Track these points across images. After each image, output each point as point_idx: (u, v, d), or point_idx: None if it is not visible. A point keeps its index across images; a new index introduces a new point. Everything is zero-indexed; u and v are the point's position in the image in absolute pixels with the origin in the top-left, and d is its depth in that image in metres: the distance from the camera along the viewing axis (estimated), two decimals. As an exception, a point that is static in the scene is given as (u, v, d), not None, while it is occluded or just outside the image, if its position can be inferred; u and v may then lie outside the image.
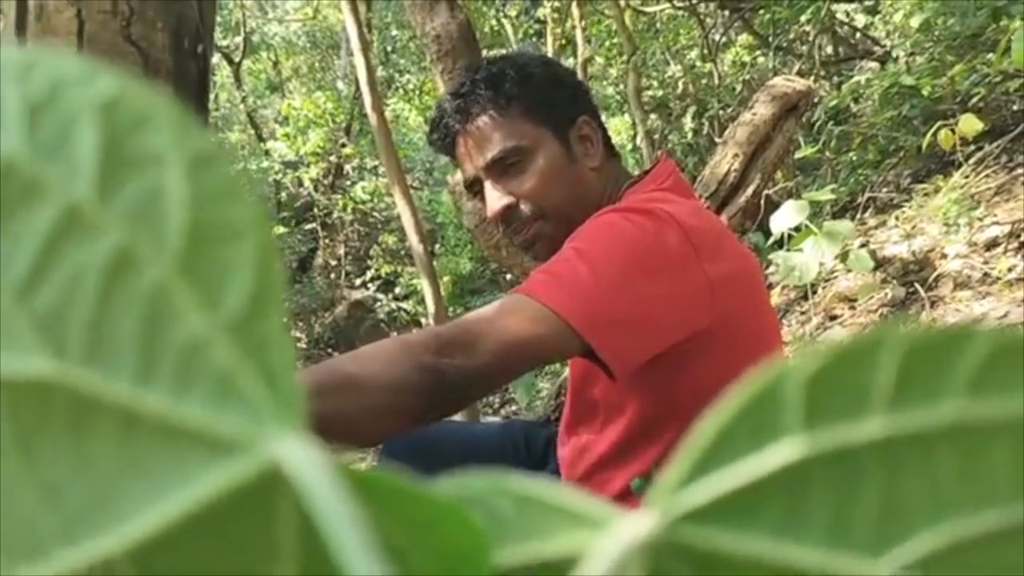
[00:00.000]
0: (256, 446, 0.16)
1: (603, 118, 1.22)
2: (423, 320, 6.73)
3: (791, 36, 5.49)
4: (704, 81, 5.72)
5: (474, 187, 1.16)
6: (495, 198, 1.11)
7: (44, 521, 0.16)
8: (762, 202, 2.48)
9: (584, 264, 0.89)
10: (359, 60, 3.60)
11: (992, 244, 2.75)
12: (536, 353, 0.87)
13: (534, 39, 5.93)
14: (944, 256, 2.80)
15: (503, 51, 6.46)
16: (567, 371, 2.08)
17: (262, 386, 0.16)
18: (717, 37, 5.92)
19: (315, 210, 7.51)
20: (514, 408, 4.41)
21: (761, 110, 2.20)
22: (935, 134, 2.90)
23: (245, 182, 0.17)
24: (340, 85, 8.55)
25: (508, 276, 6.37)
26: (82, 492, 0.16)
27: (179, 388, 0.16)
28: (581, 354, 0.90)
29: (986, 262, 2.68)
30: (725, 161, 2.13)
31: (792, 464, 0.17)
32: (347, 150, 7.50)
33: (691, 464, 0.17)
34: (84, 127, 0.16)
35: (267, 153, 7.43)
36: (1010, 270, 2.55)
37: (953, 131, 2.85)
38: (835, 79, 5.31)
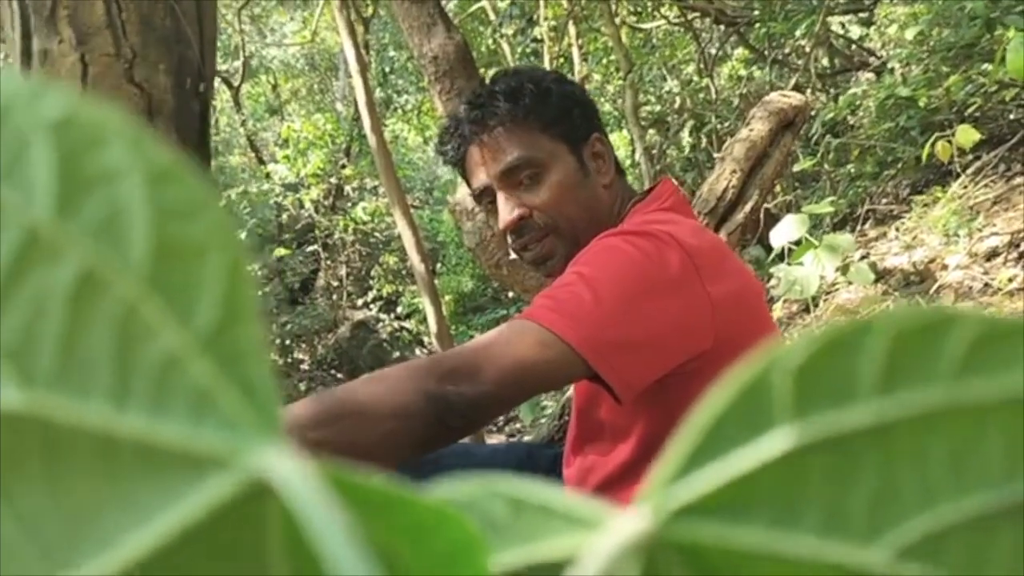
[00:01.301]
0: (238, 460, 0.16)
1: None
2: (425, 339, 6.73)
3: (787, 50, 5.51)
4: (701, 96, 5.74)
5: (484, 198, 1.15)
6: (508, 209, 1.11)
7: (24, 555, 0.16)
8: (761, 216, 2.48)
9: (587, 288, 0.89)
10: (357, 82, 3.62)
11: (992, 254, 2.76)
12: (541, 378, 0.87)
13: (531, 58, 5.96)
14: (945, 267, 2.80)
15: (505, 68, 6.46)
16: (570, 391, 2.07)
17: (240, 399, 0.16)
18: (713, 52, 5.94)
19: (316, 231, 7.52)
20: (518, 426, 4.40)
21: (758, 126, 2.21)
22: (933, 146, 2.90)
23: (209, 194, 0.16)
24: (339, 107, 8.58)
25: (509, 294, 6.37)
26: (62, 522, 0.16)
27: (156, 407, 0.16)
28: (586, 378, 0.90)
29: (986, 272, 2.68)
30: (723, 178, 2.14)
31: (784, 454, 0.17)
32: (347, 171, 7.52)
33: (683, 459, 0.17)
34: (37, 147, 0.16)
35: (268, 176, 7.44)
36: (1011, 280, 2.55)
37: (950, 142, 2.85)
38: (831, 91, 5.33)
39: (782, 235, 2.40)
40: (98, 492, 0.16)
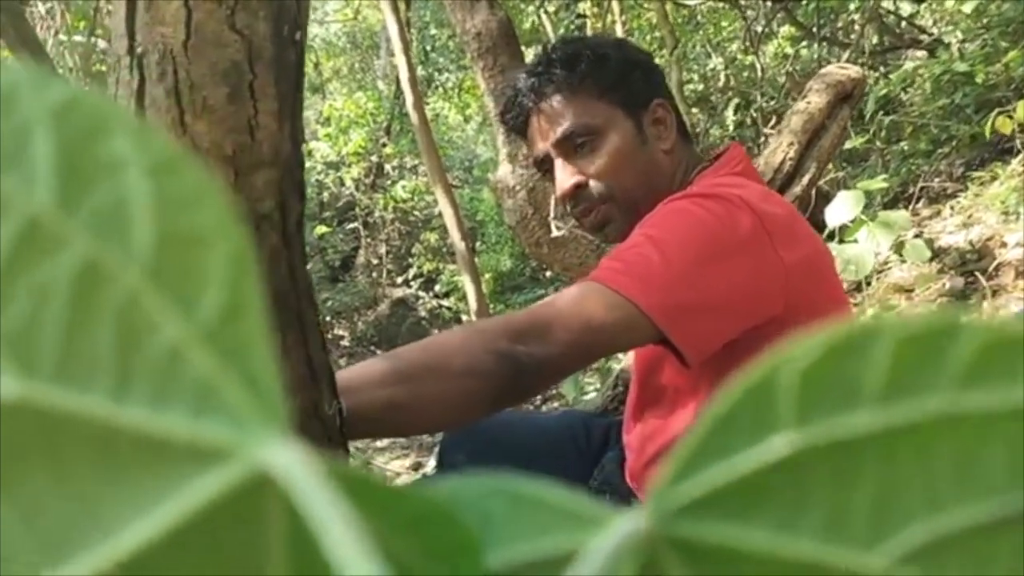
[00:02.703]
0: (241, 452, 0.16)
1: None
2: (464, 317, 6.74)
3: (837, 26, 5.39)
4: (746, 74, 5.65)
5: (544, 165, 1.15)
6: (565, 177, 1.10)
7: (25, 545, 0.16)
8: (813, 194, 2.43)
9: (656, 251, 0.88)
10: (400, 59, 3.61)
11: (1054, 233, 2.68)
12: (609, 340, 0.86)
13: (575, 34, 5.90)
14: (1004, 245, 2.73)
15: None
16: (617, 364, 2.05)
17: (243, 392, 0.16)
18: (759, 29, 5.83)
19: (356, 209, 7.56)
20: (556, 405, 4.39)
21: (815, 99, 2.16)
22: (992, 122, 2.83)
23: (213, 185, 0.16)
24: (380, 85, 8.59)
25: (548, 273, 6.35)
26: (64, 512, 0.16)
27: (158, 399, 0.16)
28: (654, 341, 0.89)
29: (1048, 251, 2.60)
30: (780, 150, 2.10)
31: (787, 457, 0.17)
32: (388, 150, 7.54)
33: (687, 458, 0.17)
34: (40, 136, 0.16)
35: (309, 154, 7.49)
36: (1074, 259, 2.47)
37: (1010, 117, 2.78)
38: (881, 69, 5.21)
39: (838, 213, 2.34)
40: (99, 484, 0.16)
